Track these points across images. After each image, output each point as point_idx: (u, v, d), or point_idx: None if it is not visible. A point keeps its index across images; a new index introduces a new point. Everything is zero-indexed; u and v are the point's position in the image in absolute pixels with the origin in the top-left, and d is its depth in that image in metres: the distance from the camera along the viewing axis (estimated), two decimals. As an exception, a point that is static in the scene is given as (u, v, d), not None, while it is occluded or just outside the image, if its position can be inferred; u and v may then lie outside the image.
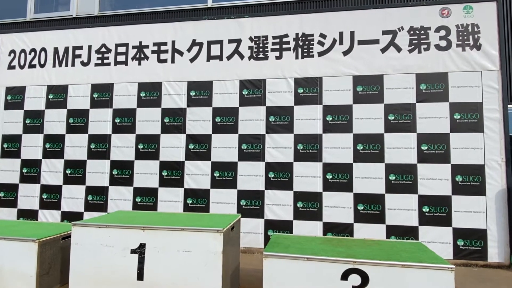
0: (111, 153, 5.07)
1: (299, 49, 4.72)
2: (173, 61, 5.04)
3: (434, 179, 4.25)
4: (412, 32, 4.43)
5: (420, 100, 4.36)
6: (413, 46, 4.42)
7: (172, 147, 4.90)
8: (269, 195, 4.63)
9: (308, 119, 4.62)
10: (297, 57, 4.72)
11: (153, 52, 5.11)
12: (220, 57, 4.92)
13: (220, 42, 4.93)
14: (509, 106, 4.96)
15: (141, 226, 2.86)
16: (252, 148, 4.73)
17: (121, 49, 5.21)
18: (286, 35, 4.77)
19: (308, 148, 4.59)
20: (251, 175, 4.70)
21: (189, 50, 5.02)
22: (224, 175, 4.75)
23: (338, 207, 4.45)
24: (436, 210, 4.21)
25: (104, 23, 6.30)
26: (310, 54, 4.69)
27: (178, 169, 4.86)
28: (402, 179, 4.31)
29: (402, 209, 4.28)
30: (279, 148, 4.67)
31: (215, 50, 4.94)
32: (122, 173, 5.01)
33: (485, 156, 4.19)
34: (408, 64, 4.42)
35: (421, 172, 4.27)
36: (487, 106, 4.24)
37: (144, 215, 3.60)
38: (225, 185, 4.73)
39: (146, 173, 4.93)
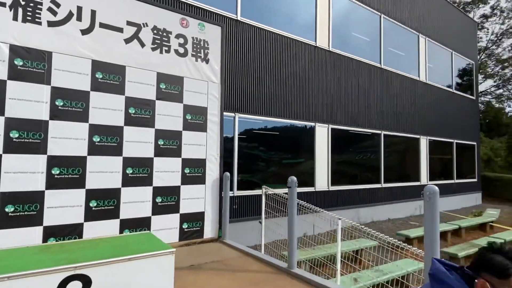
0: None
1: (20, 10, 3.68)
2: None
3: (168, 172, 4.64)
4: (155, 32, 4.62)
5: (159, 98, 4.62)
6: (156, 45, 4.62)
7: None
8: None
9: (29, 100, 3.69)
10: (16, 19, 3.64)
11: None
12: None
13: None
14: (224, 113, 6.32)
15: None
16: None
17: None
18: (0, -15, 3.57)
19: (28, 137, 3.67)
20: None
21: None
22: None
23: (65, 206, 3.86)
24: (167, 200, 4.61)
25: None
26: (37, 20, 3.77)
27: None
28: (139, 172, 4.39)
29: (137, 201, 4.35)
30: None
31: None
32: None
33: (207, 152, 5.08)
34: (150, 62, 4.56)
35: (157, 165, 4.54)
36: (210, 111, 5.16)
37: None
38: None
39: None
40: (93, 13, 4.12)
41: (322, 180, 8.17)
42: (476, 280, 1.34)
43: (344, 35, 9.18)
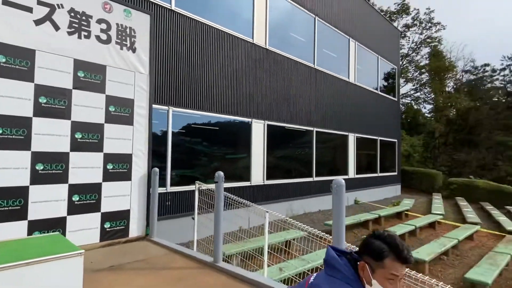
0: None
1: None
2: None
3: (87, 168, 4.29)
4: (73, 14, 4.20)
5: (77, 87, 4.23)
6: (73, 29, 4.21)
7: None
8: None
9: None
10: None
11: None
12: None
13: None
14: (157, 106, 6.07)
15: None
16: None
17: None
18: None
19: None
20: None
21: None
22: None
23: (-44, 208, 3.35)
24: (86, 198, 4.27)
25: None
26: None
27: None
28: (51, 168, 3.98)
29: (49, 200, 3.95)
30: None
31: None
32: None
33: (133, 146, 4.81)
34: (66, 47, 4.14)
35: (73, 161, 4.17)
36: (137, 103, 4.89)
37: None
38: None
39: None
40: (-7, -13, 3.61)
41: (258, 175, 8.34)
42: (358, 263, 1.49)
43: (280, 34, 9.44)
